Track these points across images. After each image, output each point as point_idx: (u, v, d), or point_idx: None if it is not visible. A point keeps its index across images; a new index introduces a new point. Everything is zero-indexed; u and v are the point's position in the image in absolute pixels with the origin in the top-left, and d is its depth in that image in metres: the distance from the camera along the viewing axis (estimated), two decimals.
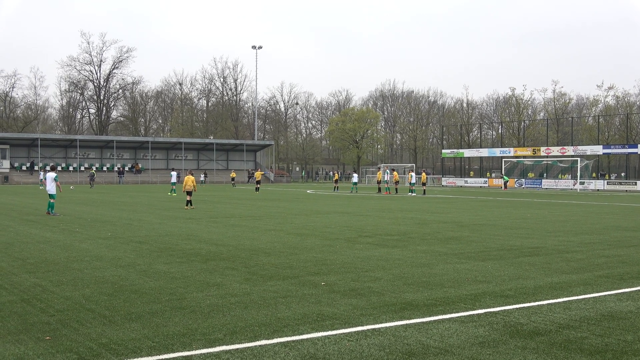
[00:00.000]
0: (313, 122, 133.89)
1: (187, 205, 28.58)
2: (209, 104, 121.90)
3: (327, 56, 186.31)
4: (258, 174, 54.16)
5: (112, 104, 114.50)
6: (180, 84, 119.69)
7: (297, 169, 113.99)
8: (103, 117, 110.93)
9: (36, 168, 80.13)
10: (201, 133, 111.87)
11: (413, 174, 52.82)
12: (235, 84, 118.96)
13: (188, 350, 6.46)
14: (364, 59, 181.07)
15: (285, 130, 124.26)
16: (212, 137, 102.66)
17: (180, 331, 7.20)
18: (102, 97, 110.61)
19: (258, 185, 52.05)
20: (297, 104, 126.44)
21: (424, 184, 52.01)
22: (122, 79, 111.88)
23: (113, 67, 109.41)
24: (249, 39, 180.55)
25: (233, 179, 73.05)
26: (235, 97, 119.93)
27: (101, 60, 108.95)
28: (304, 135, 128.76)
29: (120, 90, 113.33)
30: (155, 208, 29.33)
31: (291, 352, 6.43)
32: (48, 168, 56.39)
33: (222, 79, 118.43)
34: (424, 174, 53.78)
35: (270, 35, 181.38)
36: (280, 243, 15.54)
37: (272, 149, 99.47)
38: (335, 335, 7.08)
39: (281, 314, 8.04)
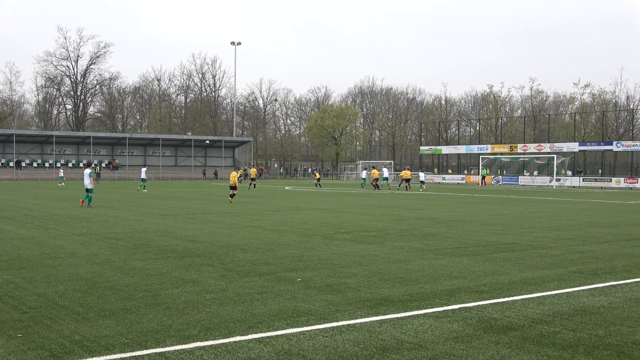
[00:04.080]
0: (292, 118, 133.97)
1: (231, 197, 31.49)
2: (187, 100, 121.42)
3: (306, 53, 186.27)
4: (253, 171, 54.02)
5: (89, 99, 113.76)
6: (158, 80, 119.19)
7: (276, 165, 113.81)
8: (80, 113, 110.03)
9: (58, 165, 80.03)
10: (179, 129, 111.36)
11: (385, 169, 54.37)
12: (214, 80, 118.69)
13: (162, 347, 6.43)
14: (343, 56, 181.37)
15: (264, 127, 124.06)
16: (190, 134, 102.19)
17: (155, 328, 7.16)
18: (79, 93, 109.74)
19: (253, 182, 51.80)
20: (275, 100, 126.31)
21: (408, 181, 52.12)
22: (100, 75, 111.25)
23: (90, 62, 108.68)
24: (228, 35, 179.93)
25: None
26: (213, 94, 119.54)
27: (78, 56, 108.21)
28: (283, 131, 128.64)
29: (98, 86, 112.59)
30: (132, 204, 29.14)
31: (265, 348, 6.42)
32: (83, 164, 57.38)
33: (200, 75, 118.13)
34: (408, 170, 54.19)
35: (250, 31, 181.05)
36: (257, 239, 15.51)
37: (251, 145, 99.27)
38: (310, 331, 7.08)
39: (256, 310, 8.03)
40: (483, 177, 67.40)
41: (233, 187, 31.80)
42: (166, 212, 24.23)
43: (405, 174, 52.79)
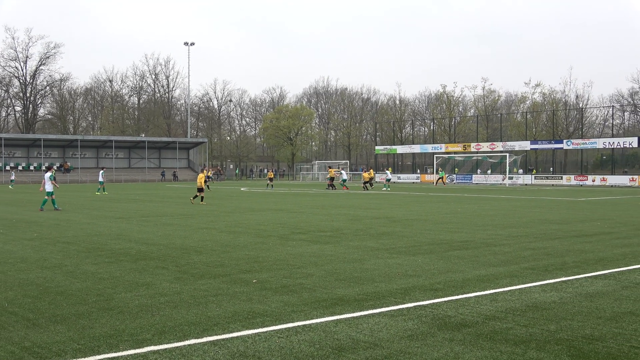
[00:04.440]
0: (247, 119, 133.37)
1: (194, 198, 31.55)
2: (141, 101, 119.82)
3: (261, 53, 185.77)
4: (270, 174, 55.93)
5: (39, 101, 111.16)
6: (110, 81, 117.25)
7: (231, 166, 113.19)
8: (30, 115, 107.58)
9: (7, 168, 78.12)
10: (132, 131, 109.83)
11: (343, 171, 56.76)
12: (167, 81, 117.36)
13: (115, 352, 6.33)
14: (298, 56, 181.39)
15: (219, 128, 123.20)
16: (143, 135, 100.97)
17: (107, 332, 7.04)
18: (28, 95, 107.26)
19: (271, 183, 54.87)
20: (230, 101, 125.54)
21: (371, 180, 53.19)
22: (50, 76, 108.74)
23: (40, 63, 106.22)
24: (182, 35, 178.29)
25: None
26: (167, 95, 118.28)
27: (27, 57, 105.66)
28: (238, 132, 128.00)
29: (48, 87, 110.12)
30: (84, 207, 28.67)
31: (220, 351, 6.37)
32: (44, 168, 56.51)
33: (153, 76, 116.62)
34: (371, 171, 56.17)
35: (204, 31, 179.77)
36: (212, 241, 15.40)
37: (206, 146, 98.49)
38: (266, 332, 7.05)
39: (211, 312, 7.97)
40: (440, 177, 68.13)
41: (200, 190, 31.53)
42: (119, 215, 23.89)
43: (368, 174, 54.44)
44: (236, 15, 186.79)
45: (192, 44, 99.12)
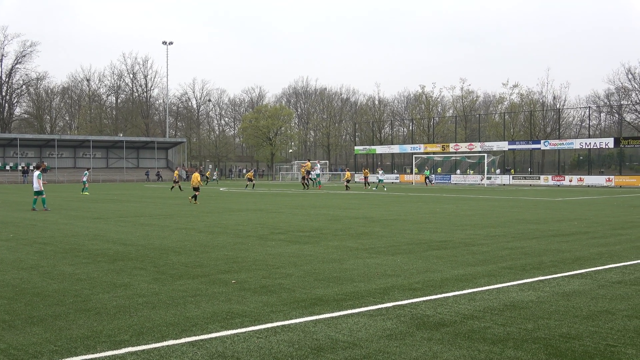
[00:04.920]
0: (226, 119, 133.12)
1: (192, 198, 31.52)
2: (119, 101, 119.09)
3: (240, 53, 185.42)
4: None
5: (15, 100, 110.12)
6: (87, 80, 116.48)
7: (210, 166, 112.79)
8: (5, 114, 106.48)
9: (7, 167, 77.09)
10: (110, 131, 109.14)
11: (319, 165, 59.30)
12: (146, 80, 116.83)
13: (92, 353, 6.27)
14: (277, 56, 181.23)
15: (198, 128, 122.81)
16: (121, 135, 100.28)
17: (85, 334, 6.98)
18: (4, 94, 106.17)
19: (252, 183, 55.42)
20: (209, 100, 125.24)
21: (348, 181, 53.64)
22: (26, 75, 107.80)
23: (16, 62, 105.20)
24: (160, 34, 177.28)
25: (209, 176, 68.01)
26: (145, 94, 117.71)
27: (2, 55, 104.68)
28: (217, 132, 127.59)
29: (24, 86, 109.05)
30: (62, 208, 28.41)
31: (199, 352, 6.34)
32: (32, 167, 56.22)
33: (131, 75, 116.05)
34: (348, 172, 56.82)
35: (182, 30, 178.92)
36: (190, 241, 15.32)
37: (185, 146, 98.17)
38: (245, 332, 7.03)
39: (190, 313, 7.93)
40: (427, 177, 68.29)
41: (196, 189, 31.72)
42: (97, 215, 23.70)
43: (348, 175, 55.21)
44: (215, 14, 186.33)
45: (171, 43, 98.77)
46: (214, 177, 79.08)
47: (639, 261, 12.18)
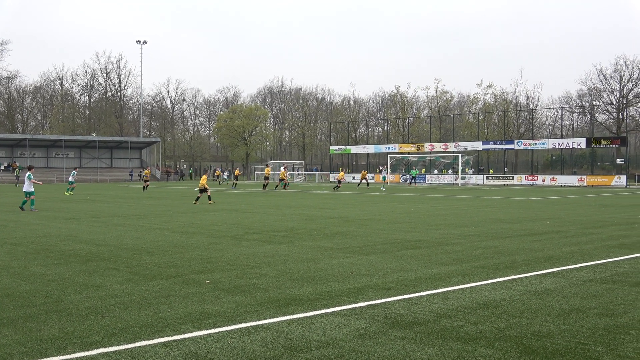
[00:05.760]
0: (201, 118, 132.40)
1: (195, 200, 31.67)
2: (92, 100, 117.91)
3: (215, 53, 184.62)
4: (268, 170, 55.34)
5: None
6: (60, 79, 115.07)
7: (185, 166, 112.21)
8: None
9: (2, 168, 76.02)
10: (83, 130, 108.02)
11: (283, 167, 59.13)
12: (119, 80, 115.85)
13: (63, 354, 6.21)
14: (252, 56, 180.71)
15: (172, 127, 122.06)
16: (95, 135, 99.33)
17: (56, 335, 6.90)
18: None
19: (267, 182, 53.21)
20: (184, 100, 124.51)
21: (339, 182, 53.14)
22: None
23: None
24: (134, 34, 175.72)
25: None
26: (119, 93, 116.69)
27: None
28: (192, 132, 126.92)
29: None
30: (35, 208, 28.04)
31: (172, 352, 6.30)
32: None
33: (105, 75, 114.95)
34: (342, 172, 58.38)
35: (156, 30, 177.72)
36: (164, 242, 15.23)
37: (159, 146, 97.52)
38: (218, 332, 7.00)
39: (163, 313, 7.87)
40: (413, 177, 68.41)
41: (203, 190, 31.18)
42: (70, 216, 23.46)
43: (341, 175, 55.54)
44: (189, 13, 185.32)
45: (145, 42, 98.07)
46: (225, 178, 77.65)
47: (610, 260, 12.34)
